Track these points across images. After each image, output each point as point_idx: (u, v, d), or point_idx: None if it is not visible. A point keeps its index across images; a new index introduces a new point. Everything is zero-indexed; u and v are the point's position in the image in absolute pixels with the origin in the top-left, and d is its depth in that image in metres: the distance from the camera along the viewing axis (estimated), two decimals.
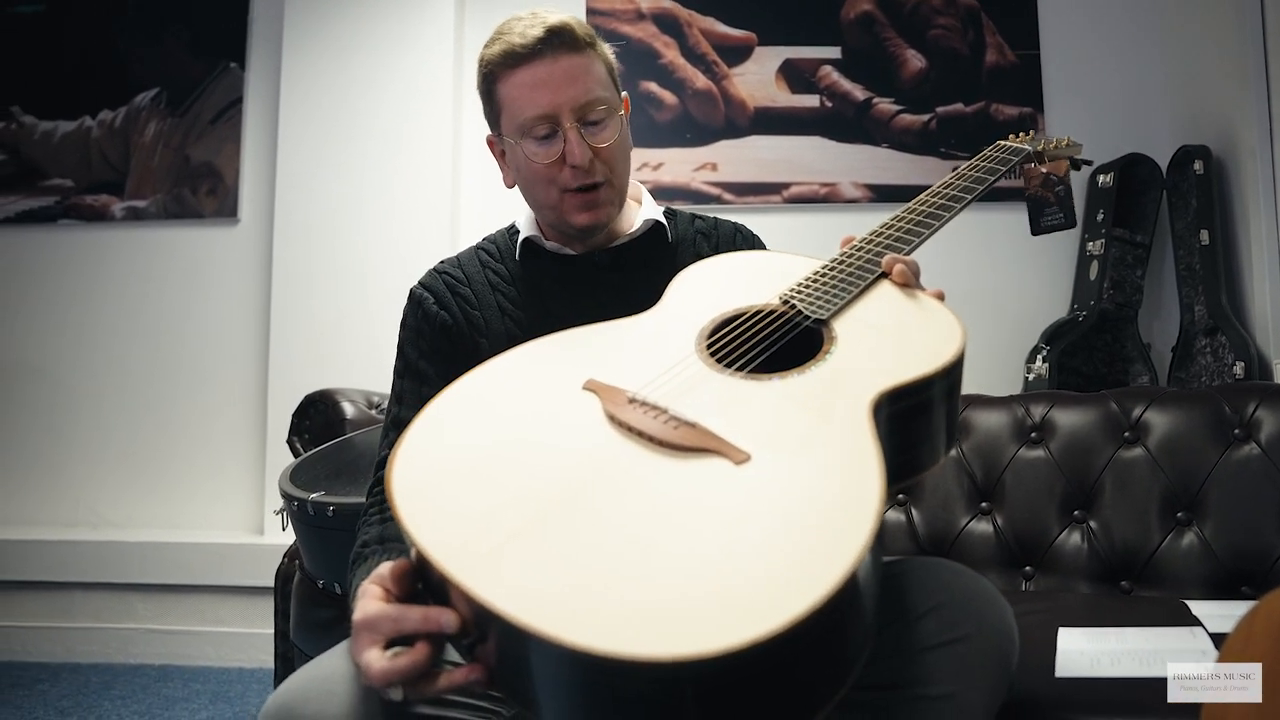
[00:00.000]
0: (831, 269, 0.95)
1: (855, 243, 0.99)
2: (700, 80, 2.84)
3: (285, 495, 1.54)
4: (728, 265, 1.05)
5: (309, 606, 1.59)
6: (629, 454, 0.68)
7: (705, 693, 0.52)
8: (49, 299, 2.88)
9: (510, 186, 1.17)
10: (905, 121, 2.78)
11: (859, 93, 2.80)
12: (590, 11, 2.86)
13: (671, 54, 2.85)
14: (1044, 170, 1.19)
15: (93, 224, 2.90)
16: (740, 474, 0.65)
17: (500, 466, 0.69)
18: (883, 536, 0.61)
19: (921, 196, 1.05)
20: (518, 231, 1.19)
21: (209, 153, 2.88)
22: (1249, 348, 2.26)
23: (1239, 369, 2.25)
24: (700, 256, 1.17)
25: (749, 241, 1.24)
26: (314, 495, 1.47)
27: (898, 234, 0.99)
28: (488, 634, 0.59)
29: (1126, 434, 1.56)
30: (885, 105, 2.79)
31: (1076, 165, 1.22)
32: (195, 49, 2.93)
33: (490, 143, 1.17)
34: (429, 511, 0.65)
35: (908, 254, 0.96)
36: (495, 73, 1.08)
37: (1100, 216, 2.57)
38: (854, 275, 0.93)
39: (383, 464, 1.04)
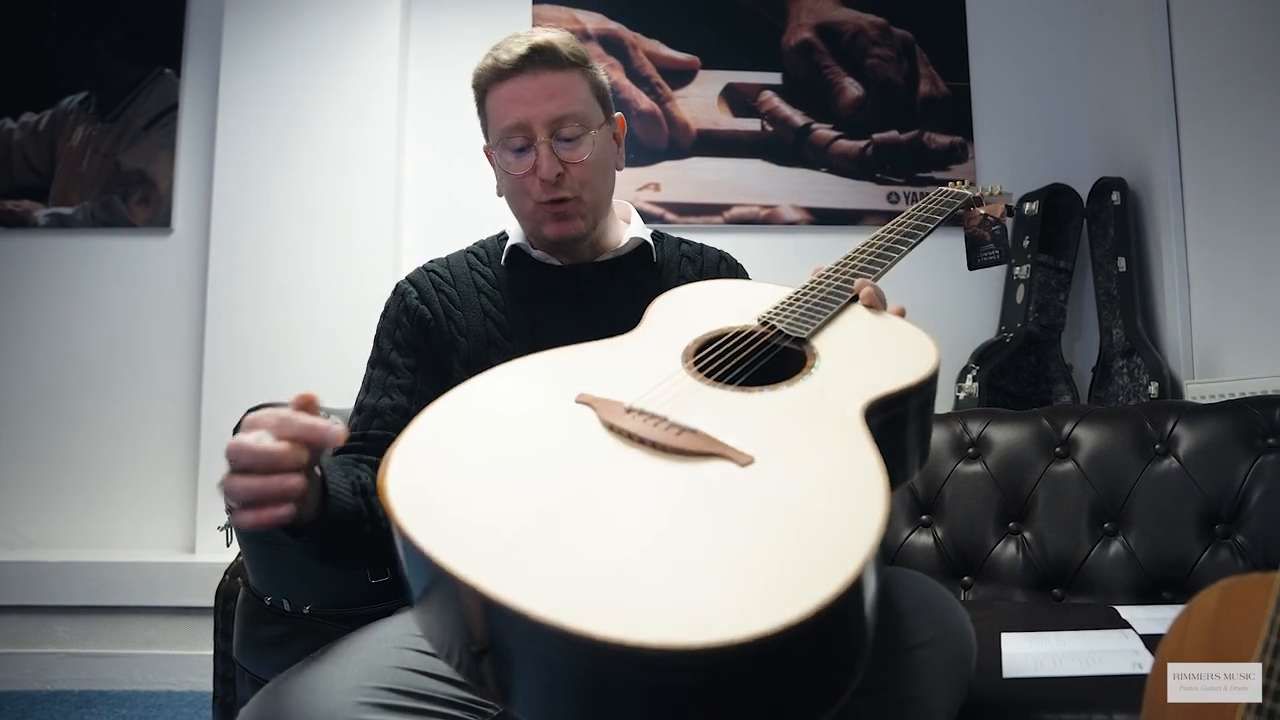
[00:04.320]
0: (805, 294, 0.99)
1: (824, 270, 1.04)
2: (645, 101, 2.89)
3: (231, 510, 1.51)
4: (705, 291, 1.07)
5: (255, 624, 1.55)
6: (633, 459, 0.68)
7: (736, 680, 0.52)
8: None
9: (500, 195, 1.20)
10: (843, 147, 2.88)
11: (799, 118, 2.89)
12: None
13: (616, 75, 2.89)
14: (982, 212, 1.29)
15: (13, 230, 2.79)
16: (746, 475, 0.66)
17: (503, 472, 0.68)
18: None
19: (879, 232, 1.12)
20: (507, 237, 1.22)
21: (141, 160, 2.80)
22: (1162, 369, 2.39)
23: (1153, 389, 2.38)
24: (684, 279, 1.21)
25: (733, 269, 1.29)
26: None
27: (863, 263, 1.05)
28: (497, 637, 0.57)
29: (1058, 449, 1.64)
30: (824, 131, 2.88)
31: (1010, 211, 1.33)
32: (128, 53, 2.85)
33: (487, 153, 1.19)
34: (431, 513, 0.63)
35: (874, 281, 1.01)
36: (484, 87, 1.13)
37: (1026, 243, 2.69)
38: (827, 299, 0.97)
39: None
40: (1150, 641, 1.15)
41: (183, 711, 2.29)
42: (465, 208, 2.82)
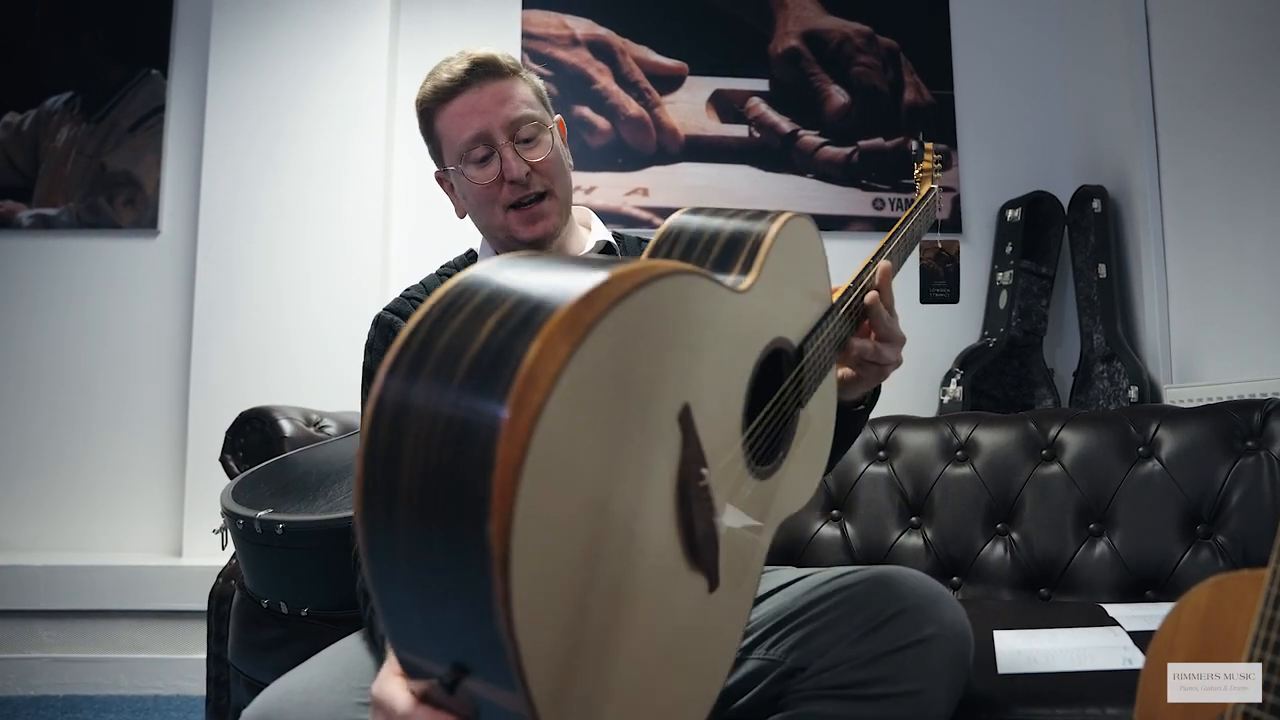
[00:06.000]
0: (825, 334, 0.89)
1: (841, 294, 0.95)
2: (633, 107, 2.91)
3: (229, 514, 1.50)
4: (807, 265, 0.89)
5: (251, 627, 1.55)
6: (674, 555, 0.65)
7: None
8: None
9: (462, 216, 1.21)
10: (829, 153, 2.91)
11: (785, 124, 2.92)
12: (525, 35, 2.90)
13: (605, 80, 2.91)
14: (939, 246, 1.28)
15: None
16: (703, 602, 0.68)
17: (596, 491, 0.57)
18: None
19: (881, 245, 1.08)
20: (475, 256, 1.23)
21: (127, 161, 2.79)
22: (1141, 374, 2.44)
23: (1133, 393, 2.43)
24: None
25: None
26: (262, 513, 1.44)
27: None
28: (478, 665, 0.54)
29: (1044, 452, 1.67)
30: (810, 137, 2.91)
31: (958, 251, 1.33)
32: (114, 53, 2.83)
33: (439, 179, 1.20)
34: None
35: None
36: (431, 110, 1.14)
37: (1009, 249, 2.74)
38: (833, 351, 0.91)
39: None
40: (1138, 638, 1.18)
41: (170, 716, 2.27)
42: (453, 211, 2.82)
